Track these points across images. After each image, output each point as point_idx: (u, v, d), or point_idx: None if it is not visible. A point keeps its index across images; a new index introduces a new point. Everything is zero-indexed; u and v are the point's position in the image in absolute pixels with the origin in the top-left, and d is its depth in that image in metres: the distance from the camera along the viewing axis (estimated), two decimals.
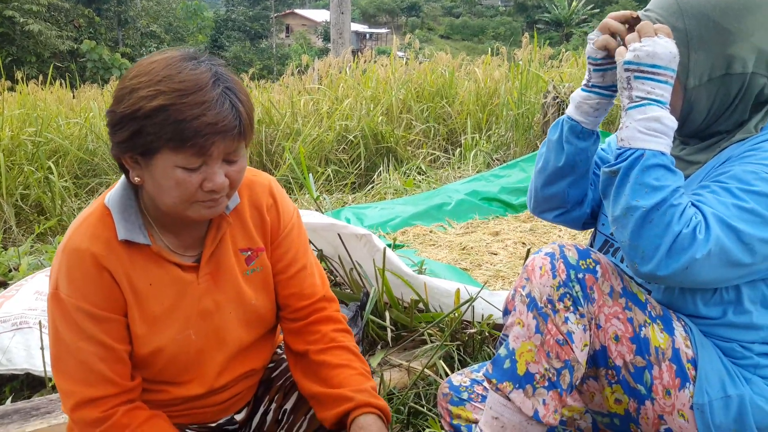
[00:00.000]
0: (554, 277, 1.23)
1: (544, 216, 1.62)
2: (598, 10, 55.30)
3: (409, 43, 8.70)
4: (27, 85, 8.34)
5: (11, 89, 8.74)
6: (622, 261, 1.43)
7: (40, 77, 9.11)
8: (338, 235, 2.31)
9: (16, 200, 4.57)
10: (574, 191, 1.52)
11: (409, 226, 3.90)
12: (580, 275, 1.24)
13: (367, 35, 55.96)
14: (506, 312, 1.31)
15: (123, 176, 1.28)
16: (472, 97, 6.93)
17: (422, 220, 4.01)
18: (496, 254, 3.13)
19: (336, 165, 5.98)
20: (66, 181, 4.97)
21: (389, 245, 3.41)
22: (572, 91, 5.41)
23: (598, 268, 1.25)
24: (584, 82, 1.44)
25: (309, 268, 1.46)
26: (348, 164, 6.07)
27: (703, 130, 1.34)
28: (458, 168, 5.47)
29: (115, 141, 1.19)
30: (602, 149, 1.59)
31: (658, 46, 1.20)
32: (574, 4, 57.65)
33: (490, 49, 8.65)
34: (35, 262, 2.70)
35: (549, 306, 1.22)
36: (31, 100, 6.74)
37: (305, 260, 1.46)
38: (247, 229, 1.39)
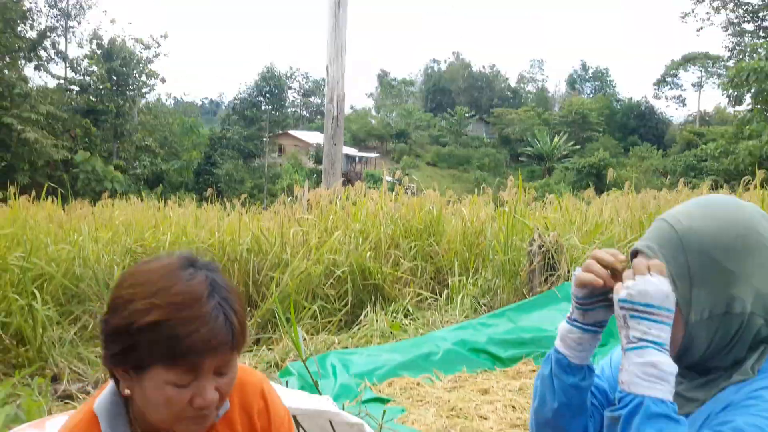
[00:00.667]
0: None
1: None
2: (579, 147, 57.59)
3: (400, 178, 8.90)
4: (18, 199, 8.42)
5: (2, 200, 8.81)
6: None
7: (33, 192, 9.19)
8: (329, 422, 2.26)
9: None
10: (575, 426, 1.47)
11: (396, 377, 3.86)
12: None
13: (357, 158, 57.55)
14: None
15: (112, 382, 1.26)
16: (460, 237, 7.04)
17: (409, 370, 3.97)
18: (486, 419, 3.07)
19: (323, 300, 5.96)
20: (49, 308, 4.89)
21: (376, 399, 3.35)
22: (557, 241, 5.55)
23: None
24: (568, 314, 1.42)
25: None
26: (335, 300, 6.05)
27: (700, 364, 1.34)
28: (445, 312, 5.47)
29: (108, 353, 1.17)
30: (596, 375, 1.54)
31: (650, 284, 1.20)
32: (555, 139, 60.09)
33: (476, 187, 8.90)
34: (11, 413, 2.60)
35: None
36: (21, 217, 6.77)
37: None
38: None
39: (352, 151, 55.34)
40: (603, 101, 71.82)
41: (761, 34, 47.00)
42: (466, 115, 69.45)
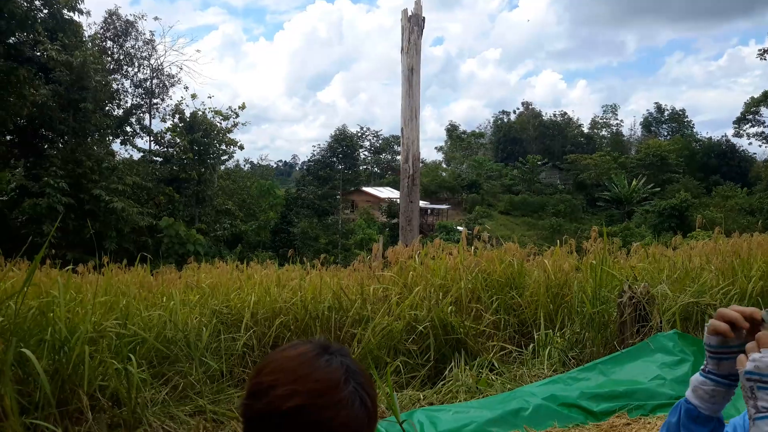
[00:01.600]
0: None
1: None
2: (659, 189, 55.92)
3: (478, 233, 8.86)
4: (109, 267, 8.83)
5: (96, 267, 9.26)
6: None
7: (124, 260, 9.63)
8: None
9: (94, 390, 4.64)
10: None
11: None
12: None
13: (429, 210, 57.72)
14: None
15: None
16: (542, 289, 6.90)
17: (498, 426, 3.87)
18: None
19: (405, 356, 5.92)
20: (143, 370, 5.06)
21: None
22: (648, 291, 5.36)
23: None
24: (702, 365, 1.43)
25: None
26: (417, 355, 6.00)
27: None
28: (532, 365, 5.33)
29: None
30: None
31: None
32: (634, 183, 58.63)
33: (556, 236, 8.74)
34: None
35: None
36: (114, 283, 7.08)
37: None
38: None
39: (424, 204, 55.59)
40: (681, 142, 70.02)
41: None
42: (539, 162, 68.88)
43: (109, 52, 41.37)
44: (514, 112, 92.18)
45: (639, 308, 5.12)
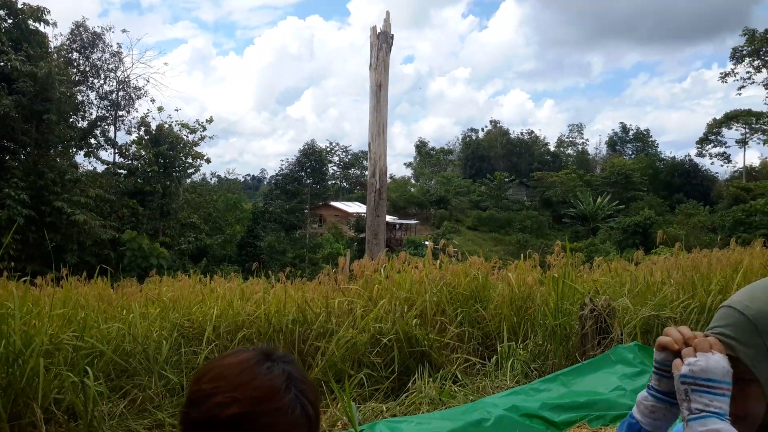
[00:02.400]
0: None
1: None
2: (623, 206, 56.92)
3: (444, 246, 8.89)
4: (68, 279, 8.64)
5: (56, 279, 9.06)
6: None
7: (84, 273, 9.44)
8: None
9: (49, 404, 4.52)
10: None
11: None
12: None
13: (397, 225, 57.85)
14: None
15: None
16: (506, 302, 6.94)
17: None
18: None
19: (369, 368, 5.89)
20: (100, 383, 4.94)
21: None
22: (609, 304, 5.43)
23: None
24: (649, 381, 1.45)
25: None
26: (381, 368, 5.97)
27: None
28: (495, 377, 5.34)
29: None
30: None
31: (711, 361, 1.23)
32: (599, 200, 59.62)
33: (521, 249, 8.82)
34: None
35: None
36: (73, 296, 6.93)
37: None
38: None
39: (392, 219, 55.73)
40: (645, 161, 71.43)
41: None
42: (506, 179, 69.62)
43: (75, 64, 40.81)
44: (483, 129, 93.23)
45: (600, 321, 5.18)
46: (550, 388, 4.46)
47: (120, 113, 42.98)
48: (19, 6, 32.43)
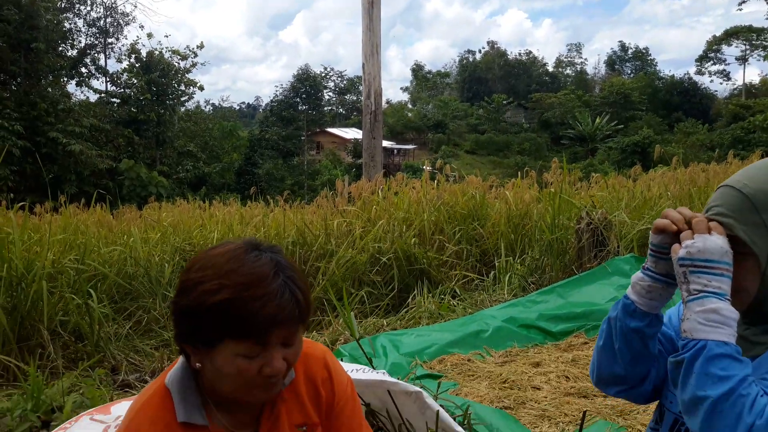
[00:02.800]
0: None
1: (605, 390, 1.60)
2: (622, 126, 56.50)
3: (441, 167, 8.86)
4: (68, 207, 8.66)
5: (55, 209, 9.08)
6: None
7: (83, 200, 9.44)
8: (388, 391, 2.26)
9: (56, 326, 4.61)
10: (635, 370, 1.49)
11: (446, 354, 3.84)
12: None
13: (395, 151, 57.55)
14: None
15: (182, 357, 1.31)
16: (504, 219, 6.98)
17: (459, 347, 3.95)
18: (539, 389, 3.04)
19: (369, 287, 5.98)
20: (104, 306, 5.02)
21: (428, 376, 3.35)
22: (606, 218, 5.45)
23: None
24: (643, 263, 1.45)
25: None
26: (381, 286, 6.07)
27: None
28: (493, 291, 5.43)
29: (180, 331, 1.23)
30: (664, 324, 1.57)
31: (709, 242, 1.24)
32: (598, 120, 59.09)
33: (519, 171, 8.81)
34: (78, 400, 2.69)
35: None
36: (73, 223, 6.95)
37: None
38: (302, 403, 1.39)
39: (390, 144, 55.40)
40: (644, 80, 70.37)
41: None
42: (504, 102, 68.77)
43: None
44: (480, 51, 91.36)
45: (597, 234, 5.22)
46: (547, 300, 4.54)
47: (109, 41, 41.99)
48: None
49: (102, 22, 41.84)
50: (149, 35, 51.58)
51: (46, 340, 4.32)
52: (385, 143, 52.52)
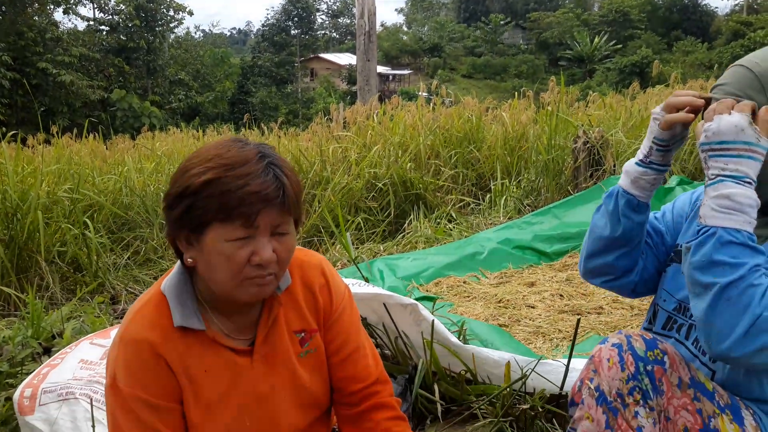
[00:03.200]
0: (623, 369, 1.21)
1: (592, 281, 1.63)
2: (621, 46, 55.50)
3: (436, 88, 8.74)
4: (61, 138, 8.57)
5: (47, 141, 8.99)
6: (686, 338, 1.40)
7: (75, 130, 9.34)
8: (384, 305, 2.29)
9: (54, 257, 4.63)
10: (624, 261, 1.51)
11: (442, 277, 3.88)
12: (649, 367, 1.22)
13: (390, 77, 56.67)
14: (572, 403, 1.27)
15: (178, 263, 1.32)
16: (500, 142, 6.93)
17: (455, 270, 3.98)
18: (533, 307, 3.08)
19: (365, 213, 5.99)
20: (101, 236, 5.04)
21: (424, 298, 3.39)
22: (602, 136, 5.40)
23: (666, 359, 1.24)
24: (641, 156, 1.43)
25: (362, 349, 1.45)
26: (377, 212, 6.08)
27: None
28: (489, 215, 5.44)
29: (170, 220, 1.25)
30: (654, 217, 1.58)
31: (723, 122, 1.20)
32: (596, 40, 57.95)
33: (515, 91, 8.69)
34: (78, 326, 2.72)
35: (619, 400, 1.20)
36: (66, 154, 6.90)
37: (358, 341, 1.45)
38: (299, 310, 1.40)
39: (385, 70, 54.46)
40: None
41: None
42: (501, 22, 67.22)
43: None
44: None
45: (593, 153, 5.19)
46: (543, 221, 4.54)
47: None
48: None
49: None
50: None
51: (44, 271, 4.35)
52: (380, 68, 51.65)
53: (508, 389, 2.05)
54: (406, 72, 60.03)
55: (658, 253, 1.56)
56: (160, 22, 40.47)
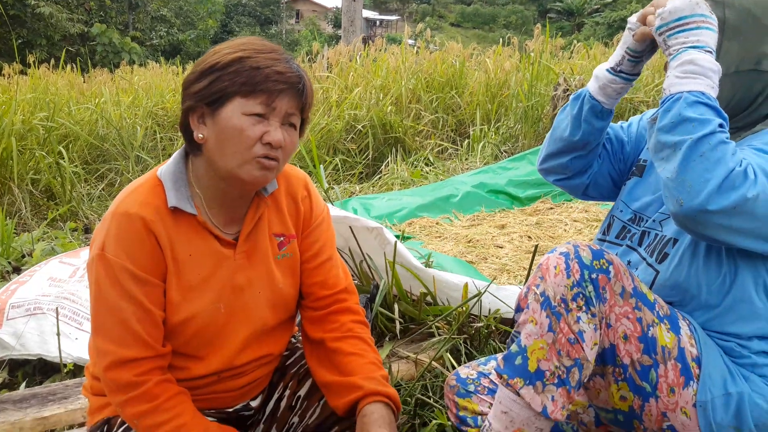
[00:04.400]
0: (568, 276, 1.24)
1: (546, 177, 1.71)
2: (610, 0, 54.86)
3: (420, 32, 8.64)
4: (38, 69, 8.37)
5: (23, 72, 8.78)
6: (639, 245, 1.45)
7: (52, 61, 9.13)
8: (350, 227, 2.33)
9: (27, 185, 4.60)
10: (579, 163, 1.59)
11: (415, 218, 3.92)
12: (594, 275, 1.25)
13: (378, 22, 55.75)
14: (518, 309, 1.31)
15: (177, 152, 1.37)
16: (482, 88, 6.91)
17: (429, 211, 4.03)
18: (501, 248, 3.14)
19: (344, 154, 5.99)
20: (76, 166, 5.00)
21: (397, 236, 3.43)
22: (583, 85, 5.40)
23: (611, 268, 1.26)
24: (612, 64, 1.47)
25: (334, 260, 1.53)
26: (356, 154, 6.08)
27: None
28: (466, 160, 5.47)
29: (190, 94, 1.29)
30: (621, 126, 1.63)
31: (677, 1, 1.23)
32: None
33: (501, 39, 8.62)
34: (48, 248, 2.73)
35: (562, 305, 1.23)
36: (42, 84, 6.77)
37: (331, 252, 1.53)
38: (282, 215, 1.46)
39: (372, 14, 53.53)
40: None
41: None
42: None
43: None
44: None
45: None
46: (518, 167, 4.58)
47: None
48: None
49: None
50: None
51: (16, 197, 4.32)
52: (367, 13, 50.69)
53: (463, 308, 2.11)
54: (393, 18, 59.06)
55: (614, 160, 1.62)
56: None
